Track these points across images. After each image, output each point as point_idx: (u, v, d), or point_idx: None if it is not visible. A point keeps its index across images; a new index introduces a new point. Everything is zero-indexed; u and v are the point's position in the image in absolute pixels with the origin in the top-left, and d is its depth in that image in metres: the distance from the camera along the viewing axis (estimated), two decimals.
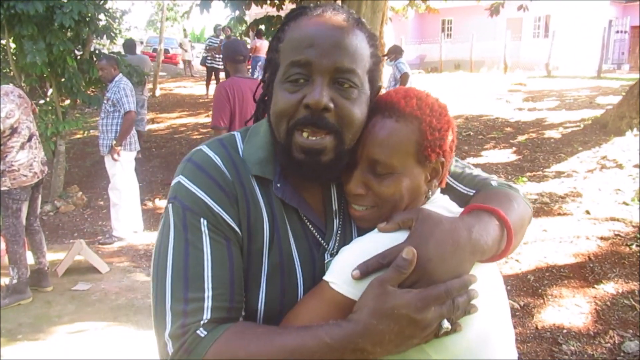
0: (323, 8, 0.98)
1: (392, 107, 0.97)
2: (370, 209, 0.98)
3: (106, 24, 7.00)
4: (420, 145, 0.96)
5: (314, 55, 0.91)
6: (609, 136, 7.58)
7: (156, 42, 20.48)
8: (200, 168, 0.97)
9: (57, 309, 4.09)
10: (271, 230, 0.99)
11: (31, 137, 4.12)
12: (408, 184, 0.97)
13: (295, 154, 0.94)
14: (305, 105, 0.91)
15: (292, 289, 0.99)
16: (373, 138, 0.96)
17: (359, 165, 0.97)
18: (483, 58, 21.80)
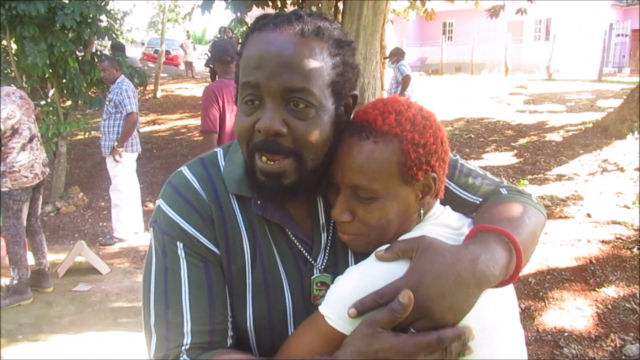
0: (279, 19, 0.91)
1: (368, 126, 0.90)
2: (356, 236, 0.94)
3: (107, 25, 7.01)
4: (403, 165, 0.89)
5: (261, 76, 0.86)
6: (610, 139, 7.58)
7: (157, 43, 20.52)
8: (177, 192, 0.97)
9: (57, 310, 4.08)
10: (252, 249, 0.97)
11: (32, 138, 4.12)
12: (396, 207, 0.91)
13: (258, 175, 0.92)
14: (257, 129, 0.88)
15: (279, 306, 0.97)
16: (351, 163, 0.89)
17: (342, 191, 0.92)
18: (484, 61, 21.81)
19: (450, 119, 10.52)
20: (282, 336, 0.95)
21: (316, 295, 0.98)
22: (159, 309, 0.92)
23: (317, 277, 0.98)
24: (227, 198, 0.98)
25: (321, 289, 0.98)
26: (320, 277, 0.99)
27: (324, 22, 0.93)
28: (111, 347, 3.54)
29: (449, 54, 23.23)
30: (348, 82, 0.94)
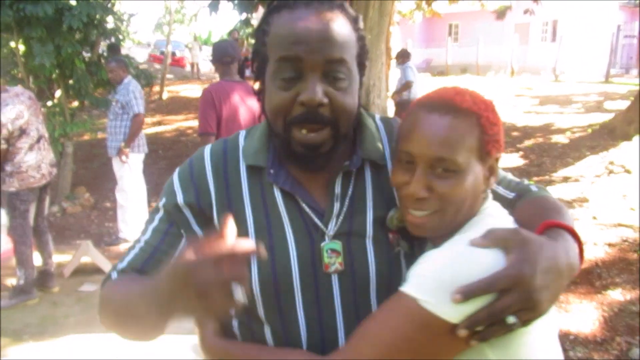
0: (303, 3, 0.97)
1: (446, 104, 0.92)
2: (432, 214, 0.93)
3: (114, 26, 7.04)
4: (481, 140, 0.92)
5: (302, 51, 0.91)
6: (616, 141, 7.54)
7: (163, 44, 20.58)
8: (189, 162, 1.09)
9: (63, 310, 4.10)
10: (257, 217, 1.01)
11: (40, 138, 4.14)
12: (471, 183, 0.92)
13: (295, 147, 0.96)
14: (301, 102, 0.93)
15: (285, 270, 0.99)
16: (435, 136, 0.90)
17: (420, 167, 0.91)
18: (490, 62, 21.75)
19: None
20: (288, 302, 0.98)
21: (327, 263, 0.99)
22: (134, 240, 1.11)
23: (327, 244, 1.00)
24: (236, 171, 1.04)
25: (332, 256, 0.99)
26: (331, 244, 1.00)
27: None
28: (116, 347, 3.55)
29: (455, 55, 23.18)
30: (365, 55, 1.02)
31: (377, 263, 1.00)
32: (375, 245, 1.01)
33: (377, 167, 1.07)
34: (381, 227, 1.03)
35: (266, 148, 1.05)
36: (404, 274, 0.96)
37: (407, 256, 1.03)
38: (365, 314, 0.96)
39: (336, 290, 1.00)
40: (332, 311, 0.99)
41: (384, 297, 0.96)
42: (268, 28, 0.98)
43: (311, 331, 0.99)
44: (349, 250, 1.00)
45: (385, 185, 1.05)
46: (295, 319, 0.99)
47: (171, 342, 3.45)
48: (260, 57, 1.01)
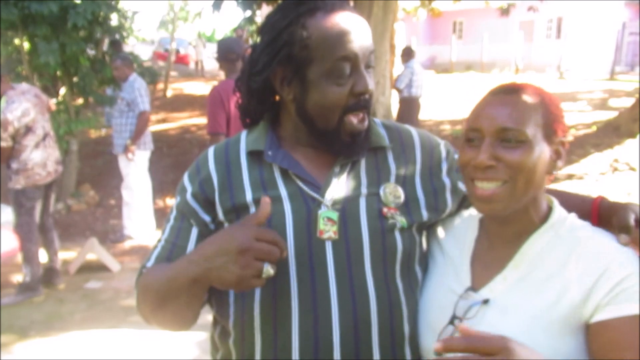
0: (331, 2, 1.05)
1: (512, 87, 0.99)
2: (502, 186, 0.95)
3: (118, 24, 7.05)
4: (547, 118, 0.96)
5: (357, 48, 1.02)
6: (621, 139, 7.51)
7: (168, 42, 20.59)
8: (196, 163, 1.17)
9: (68, 307, 4.12)
10: (255, 192, 1.07)
11: (46, 136, 4.16)
12: (537, 157, 0.94)
13: (344, 137, 1.06)
14: (359, 93, 1.04)
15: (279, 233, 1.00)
16: (500, 109, 0.95)
17: (487, 139, 0.95)
18: (494, 59, 21.67)
19: (460, 118, 10.47)
20: (280, 267, 0.98)
21: (322, 230, 1.04)
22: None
23: (324, 212, 1.05)
24: (236, 159, 1.12)
25: (327, 224, 1.04)
26: (327, 212, 1.05)
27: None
28: (122, 344, 3.57)
29: (459, 52, 23.10)
30: None
31: (370, 234, 1.05)
32: (369, 217, 1.06)
33: (375, 150, 1.14)
34: (375, 202, 1.08)
35: (264, 135, 1.12)
36: (399, 247, 1.07)
37: (402, 231, 1.08)
38: (359, 283, 1.03)
39: (330, 257, 1.03)
40: (325, 278, 1.02)
41: (378, 269, 1.05)
42: (306, 31, 1.02)
43: (303, 295, 1.02)
44: (344, 221, 1.05)
45: (382, 164, 1.13)
46: (287, 284, 1.02)
47: (176, 338, 3.47)
48: (298, 61, 1.04)
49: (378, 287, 1.04)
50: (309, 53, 1.02)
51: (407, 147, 1.17)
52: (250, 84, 1.11)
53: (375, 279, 1.04)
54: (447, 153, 1.21)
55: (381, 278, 1.05)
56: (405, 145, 1.18)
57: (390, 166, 1.14)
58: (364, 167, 1.12)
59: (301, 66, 1.04)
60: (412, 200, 1.12)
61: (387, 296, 1.05)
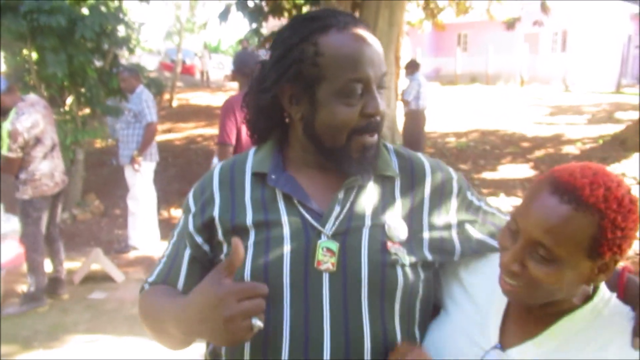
0: (348, 18, 1.04)
1: (573, 191, 0.85)
2: (520, 287, 0.91)
3: (125, 35, 7.11)
4: (596, 241, 0.85)
5: (370, 70, 1.01)
6: (628, 152, 7.49)
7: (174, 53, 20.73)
8: (201, 179, 1.17)
9: (72, 317, 4.12)
10: (256, 216, 1.05)
11: (54, 147, 4.18)
12: (570, 276, 0.88)
13: (353, 154, 1.03)
14: (369, 114, 1.02)
15: (276, 263, 1.01)
16: (544, 220, 0.86)
17: (521, 241, 0.89)
18: (499, 72, 21.71)
19: (465, 130, 10.48)
20: (275, 294, 0.98)
21: (320, 260, 1.00)
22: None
23: (323, 242, 1.01)
24: (241, 179, 1.11)
25: (326, 254, 1.00)
26: (327, 242, 1.01)
27: None
28: (126, 355, 3.56)
29: (464, 64, 23.17)
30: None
31: (369, 268, 1.00)
32: (370, 250, 1.02)
33: (382, 179, 1.09)
34: (379, 235, 1.04)
35: (270, 157, 1.10)
36: (400, 285, 1.02)
37: (405, 267, 1.03)
38: (354, 318, 0.98)
39: (325, 289, 0.99)
40: (320, 310, 0.98)
41: (375, 306, 1.00)
42: (319, 49, 1.00)
43: (295, 326, 0.98)
44: (344, 252, 1.01)
45: (389, 195, 1.08)
46: (281, 312, 0.99)
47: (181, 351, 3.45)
48: (308, 79, 1.01)
49: (373, 325, 0.99)
50: (320, 71, 1.00)
51: (418, 179, 1.12)
52: (258, 101, 1.09)
53: (371, 315, 1.00)
54: (459, 189, 1.15)
55: (378, 315, 1.00)
56: (416, 176, 1.13)
57: (397, 198, 1.09)
58: (370, 195, 1.07)
59: (311, 84, 1.01)
60: (416, 238, 1.07)
61: (382, 335, 1.00)
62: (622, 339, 0.90)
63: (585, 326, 0.93)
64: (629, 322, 0.92)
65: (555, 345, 0.93)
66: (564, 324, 0.94)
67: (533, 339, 0.95)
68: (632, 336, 0.90)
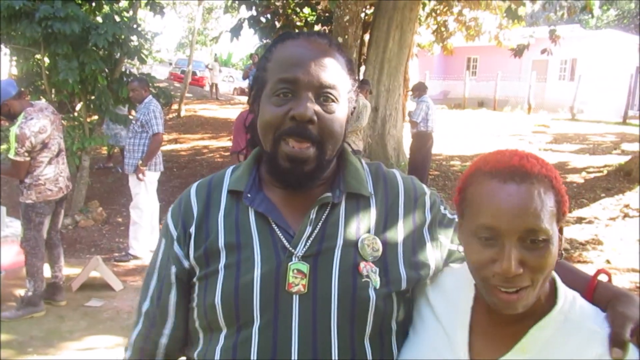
0: (309, 33, 1.09)
1: (518, 171, 0.88)
2: (524, 290, 0.88)
3: (138, 45, 7.19)
4: (559, 203, 0.90)
5: (300, 72, 1.00)
6: (633, 184, 7.47)
7: (185, 64, 20.90)
8: (179, 200, 1.16)
9: (69, 324, 4.10)
10: (229, 236, 1.05)
11: (59, 152, 4.21)
12: (556, 248, 0.89)
13: (281, 162, 1.02)
14: (292, 117, 0.99)
15: (246, 285, 1.00)
16: (519, 208, 0.86)
17: (508, 241, 0.87)
18: (507, 97, 21.78)
19: (470, 154, 10.49)
20: (246, 315, 0.99)
21: (291, 282, 0.99)
22: (142, 289, 1.17)
23: (294, 264, 1.00)
24: (217, 196, 1.10)
25: (297, 276, 1.00)
26: (297, 264, 1.00)
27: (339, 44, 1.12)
28: None
29: (472, 88, 23.26)
30: (355, 95, 1.11)
31: (340, 289, 0.99)
32: (341, 271, 1.00)
33: (356, 198, 1.09)
34: (352, 255, 1.02)
35: (247, 175, 1.10)
36: (371, 307, 1.00)
37: (376, 290, 1.01)
38: (322, 341, 0.97)
39: (295, 312, 0.99)
40: (288, 333, 0.98)
41: (344, 328, 0.99)
42: (270, 55, 1.07)
43: (262, 349, 0.98)
44: (315, 274, 1.00)
45: (362, 214, 1.08)
46: (249, 336, 0.99)
47: None
48: (259, 82, 1.07)
49: (342, 348, 0.98)
50: (265, 75, 1.05)
51: (391, 196, 1.12)
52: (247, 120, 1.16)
53: (340, 339, 0.98)
54: (433, 204, 1.14)
55: (347, 339, 0.99)
56: (389, 193, 1.12)
57: (371, 216, 1.08)
58: (344, 214, 1.06)
59: (260, 89, 1.07)
60: (391, 255, 1.05)
61: (350, 358, 0.99)
62: (595, 347, 0.90)
63: (555, 333, 0.92)
64: (600, 327, 0.91)
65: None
66: (532, 335, 0.92)
67: (504, 356, 0.93)
68: (609, 346, 0.89)
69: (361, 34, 8.84)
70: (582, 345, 0.90)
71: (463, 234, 0.97)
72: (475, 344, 0.97)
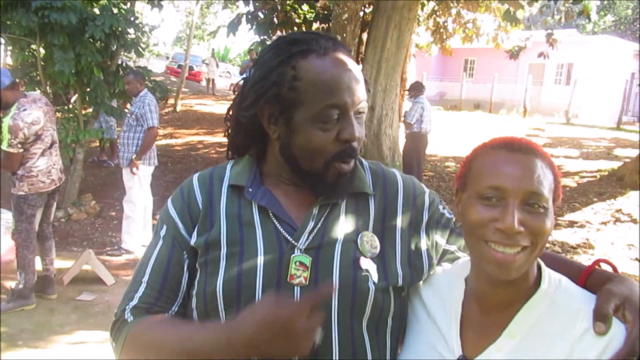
0: (326, 44, 1.04)
1: (526, 145, 0.96)
2: (522, 252, 0.91)
3: (135, 38, 7.14)
4: (555, 183, 0.95)
5: (347, 96, 1.01)
6: (625, 189, 7.52)
7: (182, 58, 20.82)
8: (180, 189, 1.16)
9: (59, 318, 4.09)
10: (230, 229, 1.06)
11: (52, 144, 4.18)
12: (551, 222, 0.93)
13: (329, 179, 1.05)
14: (345, 140, 1.02)
15: (249, 276, 1.02)
16: (527, 172, 0.91)
17: (511, 202, 0.90)
18: (503, 100, 21.83)
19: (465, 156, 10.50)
20: (248, 304, 0.97)
21: (293, 274, 1.01)
22: (134, 274, 1.12)
23: (296, 256, 1.03)
24: (219, 190, 1.11)
25: (299, 268, 1.02)
26: (300, 256, 1.03)
27: None
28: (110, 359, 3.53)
29: (469, 90, 23.29)
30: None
31: (341, 283, 1.01)
32: (342, 265, 1.03)
33: (357, 196, 1.12)
34: (352, 250, 1.05)
35: (248, 171, 1.12)
36: (370, 301, 1.03)
37: (375, 284, 1.04)
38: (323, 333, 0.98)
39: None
40: None
41: (344, 320, 1.01)
42: (297, 73, 1.01)
43: None
44: (316, 267, 1.02)
45: (362, 211, 1.11)
46: None
47: None
48: (285, 102, 1.03)
49: (343, 339, 1.01)
50: (297, 96, 1.02)
51: (390, 195, 1.15)
52: (238, 117, 1.11)
53: (340, 330, 1.01)
54: (431, 203, 1.17)
55: (347, 330, 1.02)
56: (389, 192, 1.15)
57: (371, 214, 1.11)
58: (344, 212, 1.10)
59: (288, 108, 1.03)
60: (389, 253, 1.09)
61: (351, 350, 1.01)
62: (580, 324, 0.92)
63: (541, 314, 0.95)
64: (586, 305, 0.94)
65: (514, 345, 0.95)
66: (519, 318, 0.96)
67: (494, 344, 0.96)
68: (593, 320, 0.91)
69: (359, 32, 8.82)
70: (568, 323, 0.93)
71: (463, 201, 0.99)
72: (467, 337, 1.01)
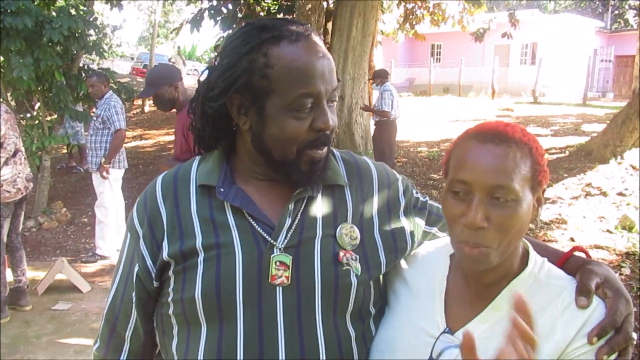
0: (297, 30, 1.00)
1: (499, 135, 0.94)
2: (489, 246, 0.92)
3: (96, 39, 6.99)
4: (534, 170, 0.93)
5: (321, 85, 0.98)
6: (593, 164, 7.67)
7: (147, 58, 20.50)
8: (143, 196, 1.11)
9: (35, 329, 3.99)
10: (205, 232, 1.02)
11: (16, 152, 4.06)
12: (525, 212, 0.93)
13: (302, 167, 1.02)
14: (319, 129, 1.00)
15: (228, 279, 0.98)
16: (491, 164, 0.91)
17: (477, 195, 0.91)
18: (471, 83, 22.08)
19: (437, 140, 10.60)
20: (229, 308, 0.97)
21: (274, 274, 0.99)
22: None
23: (276, 256, 1.00)
24: (185, 191, 1.06)
25: (280, 268, 0.99)
26: (280, 256, 1.00)
27: None
28: None
29: (437, 75, 23.47)
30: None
31: (322, 279, 1.00)
32: (323, 262, 1.01)
33: (332, 188, 1.10)
34: (331, 245, 1.04)
35: (218, 169, 1.07)
36: (352, 295, 1.02)
37: (358, 276, 1.03)
38: (308, 331, 0.98)
39: (280, 304, 0.98)
40: (274, 325, 0.97)
41: (329, 317, 1.00)
42: (269, 60, 0.98)
43: (249, 344, 0.97)
44: (297, 265, 1.00)
45: (339, 203, 1.09)
46: (234, 330, 0.97)
47: None
48: (257, 91, 0.99)
49: (328, 336, 1.00)
50: (270, 84, 0.98)
51: (365, 184, 1.14)
52: (205, 108, 1.05)
53: (325, 327, 1.00)
54: (406, 189, 1.18)
55: (332, 326, 1.01)
56: (363, 181, 1.14)
57: (348, 205, 1.09)
58: (320, 205, 1.07)
59: (260, 96, 0.99)
60: (369, 241, 1.08)
61: (337, 345, 1.00)
62: (561, 301, 0.96)
63: (526, 291, 0.96)
64: (568, 283, 0.98)
65: (499, 317, 0.96)
66: (505, 293, 0.98)
67: (479, 316, 0.98)
68: (576, 295, 0.95)
69: (324, 22, 8.79)
70: (552, 299, 0.96)
71: (443, 192, 1.00)
72: (451, 311, 1.02)
